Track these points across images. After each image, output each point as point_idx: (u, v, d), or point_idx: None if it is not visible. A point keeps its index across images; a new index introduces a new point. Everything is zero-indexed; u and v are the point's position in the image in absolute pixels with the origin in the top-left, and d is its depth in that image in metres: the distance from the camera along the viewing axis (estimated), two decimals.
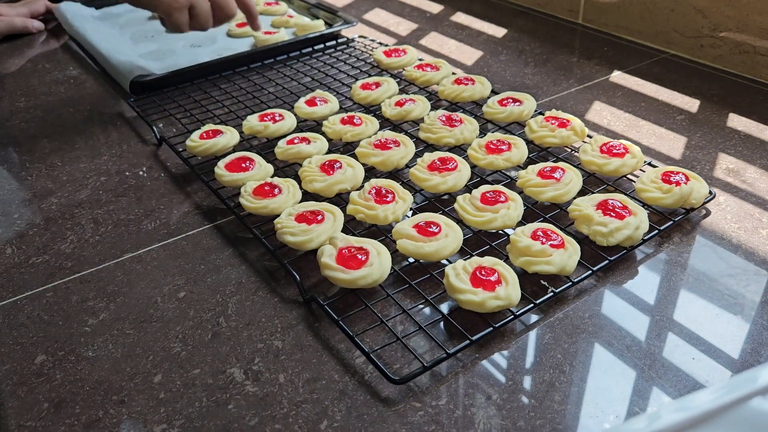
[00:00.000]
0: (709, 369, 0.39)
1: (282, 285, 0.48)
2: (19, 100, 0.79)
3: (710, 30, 0.78)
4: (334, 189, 0.54)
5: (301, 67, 0.83)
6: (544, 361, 0.40)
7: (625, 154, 0.56)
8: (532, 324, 0.43)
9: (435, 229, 0.48)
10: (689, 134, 0.65)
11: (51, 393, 0.40)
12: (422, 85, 0.74)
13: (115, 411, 0.38)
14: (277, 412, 0.38)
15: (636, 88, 0.75)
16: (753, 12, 0.73)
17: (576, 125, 0.61)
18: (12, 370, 0.41)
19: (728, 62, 0.78)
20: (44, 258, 0.52)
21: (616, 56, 0.83)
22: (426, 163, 0.56)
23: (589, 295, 0.45)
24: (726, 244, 0.50)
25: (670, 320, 0.43)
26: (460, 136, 0.61)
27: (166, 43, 0.91)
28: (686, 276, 0.47)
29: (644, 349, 0.41)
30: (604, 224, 0.47)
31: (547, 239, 0.46)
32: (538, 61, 0.84)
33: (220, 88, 0.78)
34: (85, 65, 0.88)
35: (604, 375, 0.39)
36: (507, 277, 0.43)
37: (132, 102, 0.74)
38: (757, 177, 0.57)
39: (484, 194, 0.51)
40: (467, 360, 0.41)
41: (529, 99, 0.66)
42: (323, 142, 0.62)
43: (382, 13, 1.04)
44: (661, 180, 0.52)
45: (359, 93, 0.71)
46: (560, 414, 0.37)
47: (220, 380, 0.40)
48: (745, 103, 0.70)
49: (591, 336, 0.42)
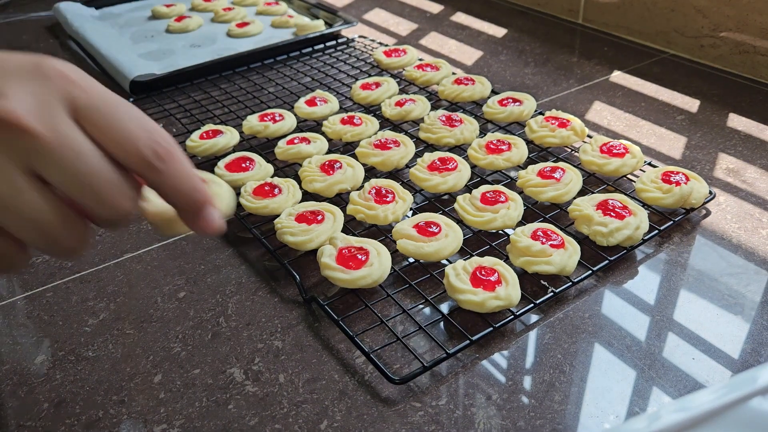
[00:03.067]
0: (709, 369, 0.39)
1: (282, 285, 0.48)
2: None
3: (710, 30, 0.78)
4: (334, 189, 0.54)
5: (301, 67, 0.83)
6: (544, 361, 0.40)
7: (625, 154, 0.56)
8: (532, 324, 0.43)
9: (435, 229, 0.48)
10: (689, 134, 0.65)
11: (51, 393, 0.40)
12: (422, 85, 0.74)
13: (115, 411, 0.38)
14: (277, 412, 0.38)
15: (636, 88, 0.75)
16: (753, 12, 0.73)
17: (576, 125, 0.61)
18: (12, 370, 0.41)
19: (728, 62, 0.77)
20: (44, 258, 0.52)
21: (616, 56, 0.83)
22: (426, 163, 0.56)
23: (589, 295, 0.45)
24: (726, 244, 0.49)
25: (670, 320, 0.43)
26: (460, 136, 0.61)
27: (166, 43, 0.91)
28: (686, 276, 0.47)
29: (644, 349, 0.41)
30: (604, 224, 0.47)
31: (547, 239, 0.46)
32: (538, 61, 0.84)
33: (220, 88, 0.78)
34: (85, 65, 0.88)
35: (604, 375, 0.39)
36: (507, 277, 0.43)
37: (132, 102, 0.74)
38: (757, 177, 0.57)
39: (484, 194, 0.51)
40: (467, 360, 0.41)
41: (529, 99, 0.66)
42: (323, 142, 0.62)
43: (382, 13, 1.04)
44: (661, 180, 0.52)
45: (359, 93, 0.71)
46: (560, 414, 0.37)
47: (220, 380, 0.40)
48: (745, 103, 0.70)
49: (591, 336, 0.42)
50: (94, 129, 0.28)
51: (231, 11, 0.98)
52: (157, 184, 0.30)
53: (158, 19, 1.00)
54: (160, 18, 1.00)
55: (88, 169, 0.27)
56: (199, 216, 0.32)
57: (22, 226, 0.27)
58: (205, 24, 0.97)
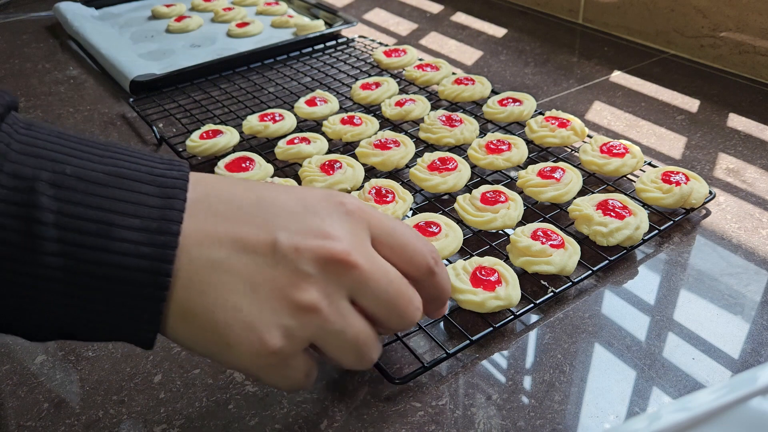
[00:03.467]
0: (709, 369, 0.39)
1: None
2: (19, 100, 0.79)
3: (710, 30, 0.78)
4: (334, 189, 0.54)
5: (301, 67, 0.83)
6: (544, 361, 0.40)
7: (625, 154, 0.56)
8: (532, 324, 0.43)
9: (435, 229, 0.47)
10: (689, 134, 0.65)
11: (51, 393, 0.40)
12: (422, 85, 0.74)
13: (115, 411, 0.38)
14: (277, 412, 0.38)
15: (636, 88, 0.75)
16: (753, 12, 0.73)
17: (576, 125, 0.61)
18: (12, 370, 0.41)
19: (728, 62, 0.77)
20: None
21: (616, 56, 0.83)
22: (426, 163, 0.56)
23: (589, 295, 0.45)
24: (726, 244, 0.49)
25: (670, 320, 0.43)
26: (460, 136, 0.61)
27: (166, 43, 0.91)
28: (686, 276, 0.47)
29: (644, 349, 0.41)
30: (604, 224, 0.47)
31: (547, 239, 0.46)
32: (538, 61, 0.84)
33: (220, 88, 0.78)
34: (85, 65, 0.88)
35: (604, 375, 0.39)
36: (507, 277, 0.43)
37: (132, 102, 0.74)
38: (757, 177, 0.57)
39: (484, 194, 0.51)
40: (467, 360, 0.41)
41: (529, 99, 0.66)
42: (323, 142, 0.62)
43: (382, 13, 1.04)
44: (661, 180, 0.52)
45: (359, 93, 0.71)
46: (560, 414, 0.37)
47: (220, 380, 0.40)
48: (745, 102, 0.70)
49: (591, 336, 0.42)
50: (388, 251, 0.33)
51: (231, 11, 0.98)
52: (429, 286, 0.35)
53: (158, 19, 1.00)
54: (160, 18, 1.00)
55: (396, 290, 0.32)
56: (444, 306, 0.37)
57: (340, 346, 0.31)
58: (205, 24, 0.97)
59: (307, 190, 0.33)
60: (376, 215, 0.33)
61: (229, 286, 0.29)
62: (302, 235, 0.30)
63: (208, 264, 0.28)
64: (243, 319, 0.28)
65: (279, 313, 0.29)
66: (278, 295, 0.29)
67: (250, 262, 0.29)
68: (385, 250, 0.32)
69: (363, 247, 0.31)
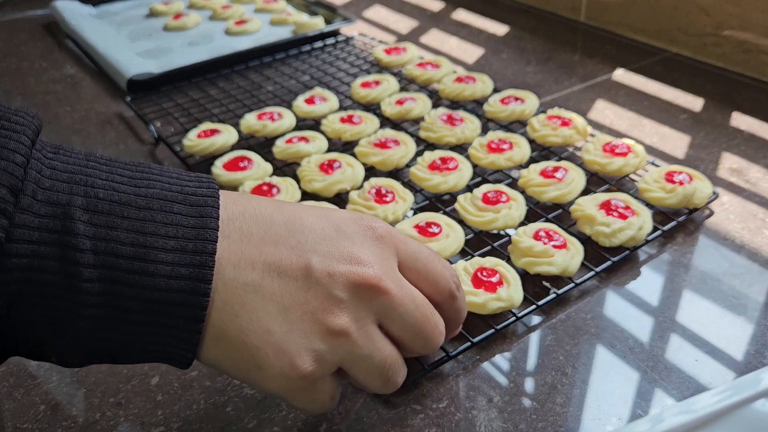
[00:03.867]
0: (713, 371, 0.39)
1: None
2: (16, 99, 0.78)
3: (713, 28, 0.77)
4: (333, 189, 0.54)
5: (300, 65, 0.82)
6: (546, 363, 0.40)
7: (628, 153, 0.55)
8: (534, 325, 0.43)
9: (436, 229, 0.47)
10: (693, 133, 0.64)
11: (48, 395, 0.39)
12: (423, 84, 0.74)
13: (112, 413, 0.38)
14: (276, 414, 0.37)
15: (639, 86, 0.75)
16: (756, 10, 0.73)
17: (578, 124, 0.60)
18: (8, 372, 0.41)
19: (732, 61, 0.77)
20: None
21: (619, 55, 0.83)
22: (426, 163, 0.55)
23: (591, 296, 0.45)
24: (730, 245, 0.49)
25: (673, 321, 0.43)
26: (461, 135, 0.61)
27: (163, 41, 0.90)
28: (689, 277, 0.46)
29: (647, 350, 0.40)
30: (607, 224, 0.47)
31: (550, 240, 0.46)
32: (540, 59, 0.83)
33: (218, 86, 0.78)
34: (82, 64, 0.88)
35: (607, 377, 0.39)
36: (509, 278, 0.43)
37: (129, 101, 0.74)
38: (761, 177, 0.57)
39: (486, 194, 0.51)
40: (468, 362, 0.40)
41: (531, 97, 0.66)
42: (322, 141, 0.61)
43: (382, 11, 1.03)
44: (665, 180, 0.52)
45: (359, 91, 0.70)
46: (562, 416, 0.36)
47: (218, 382, 0.39)
48: (749, 102, 0.70)
49: (593, 337, 0.42)
50: (414, 275, 0.33)
51: (229, 9, 0.98)
52: (449, 309, 0.35)
53: (156, 17, 1.00)
54: (158, 16, 1.00)
55: (423, 315, 0.32)
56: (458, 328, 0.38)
57: (368, 370, 0.31)
58: (203, 22, 0.97)
59: (335, 212, 0.33)
60: (402, 239, 0.33)
61: (262, 309, 0.28)
62: (335, 260, 0.30)
63: (242, 286, 0.28)
64: (274, 343, 0.28)
65: (310, 337, 0.29)
66: (310, 319, 0.29)
67: (282, 285, 0.29)
68: (412, 274, 0.33)
69: (392, 273, 0.31)
